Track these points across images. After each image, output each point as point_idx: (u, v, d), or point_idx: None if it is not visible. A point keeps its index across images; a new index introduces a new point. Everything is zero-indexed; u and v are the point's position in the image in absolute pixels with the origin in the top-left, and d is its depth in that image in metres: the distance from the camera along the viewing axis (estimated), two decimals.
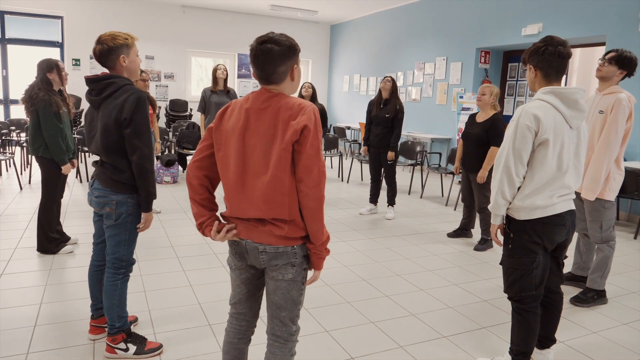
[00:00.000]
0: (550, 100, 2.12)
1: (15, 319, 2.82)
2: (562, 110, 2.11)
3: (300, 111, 1.60)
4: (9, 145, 7.82)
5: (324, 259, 1.74)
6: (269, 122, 1.62)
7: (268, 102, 1.63)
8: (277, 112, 1.62)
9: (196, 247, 4.27)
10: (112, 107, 2.26)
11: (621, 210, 5.91)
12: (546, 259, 2.26)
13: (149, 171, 2.32)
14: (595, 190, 3.18)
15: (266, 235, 1.67)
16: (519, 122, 2.12)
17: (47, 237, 3.91)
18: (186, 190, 6.71)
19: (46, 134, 3.63)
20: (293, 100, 1.64)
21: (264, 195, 1.62)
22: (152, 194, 2.36)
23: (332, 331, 2.85)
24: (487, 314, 3.18)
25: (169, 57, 11.34)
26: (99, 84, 2.31)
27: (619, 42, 5.85)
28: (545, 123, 2.07)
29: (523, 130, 2.10)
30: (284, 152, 1.59)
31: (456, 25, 8.64)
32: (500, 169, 2.18)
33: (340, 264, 4.00)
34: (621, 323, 3.13)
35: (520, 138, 2.11)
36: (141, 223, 2.44)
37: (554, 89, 2.13)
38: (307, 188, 1.61)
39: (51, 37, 10.59)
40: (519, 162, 2.14)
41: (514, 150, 2.13)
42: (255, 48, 1.63)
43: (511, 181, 2.16)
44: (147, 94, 5.31)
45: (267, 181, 1.61)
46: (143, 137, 2.30)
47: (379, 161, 5.61)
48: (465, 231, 4.93)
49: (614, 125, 3.10)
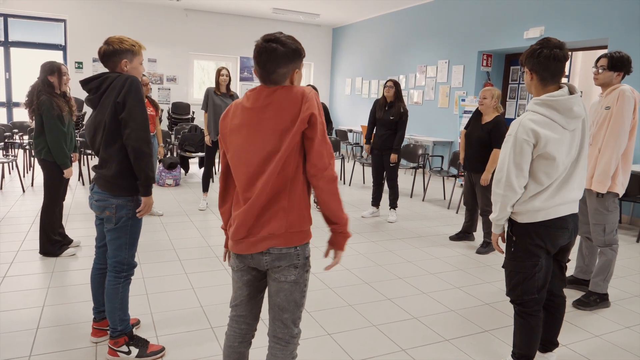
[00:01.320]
0: (543, 112, 2.09)
1: (18, 322, 2.82)
2: (557, 120, 2.08)
3: (302, 99, 1.62)
4: (12, 148, 7.84)
5: (348, 238, 1.77)
6: (273, 118, 1.63)
7: (269, 99, 1.64)
8: (280, 106, 1.63)
9: (198, 250, 4.27)
10: (110, 98, 2.28)
11: (624, 214, 5.90)
12: (549, 262, 2.26)
13: (145, 154, 2.30)
14: (606, 183, 3.17)
15: (268, 241, 1.67)
16: (516, 137, 2.10)
17: (49, 239, 3.91)
18: (188, 192, 6.72)
19: (49, 137, 3.64)
20: (293, 91, 1.64)
21: (272, 187, 1.64)
22: (150, 177, 2.34)
23: (334, 334, 2.85)
24: (490, 317, 3.18)
25: (172, 60, 11.37)
26: (93, 83, 2.32)
27: (621, 45, 5.85)
28: (542, 137, 2.06)
29: (522, 144, 2.09)
30: (291, 144, 1.61)
31: (458, 28, 8.65)
32: (503, 184, 2.16)
33: (342, 267, 4.00)
34: (624, 326, 3.12)
35: (519, 153, 2.10)
36: (140, 207, 2.39)
37: (547, 99, 2.09)
38: (321, 171, 1.65)
39: (54, 40, 10.62)
40: (520, 175, 2.13)
41: (515, 164, 2.12)
42: (260, 45, 1.64)
43: (514, 194, 2.16)
44: (149, 97, 5.33)
45: (276, 173, 1.63)
46: (138, 119, 2.27)
47: (381, 164, 5.62)
48: (467, 234, 4.92)
49: (620, 115, 3.09)
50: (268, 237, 1.67)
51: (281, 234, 1.67)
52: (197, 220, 5.28)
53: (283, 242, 1.68)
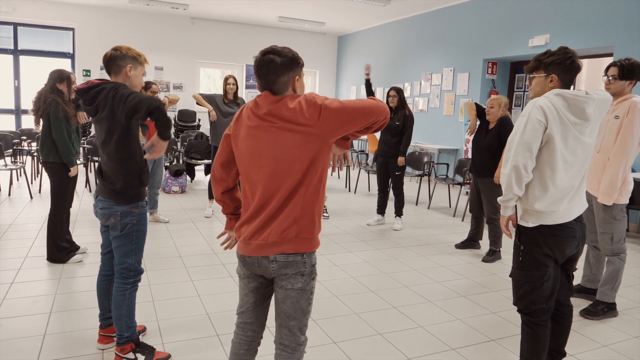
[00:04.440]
0: (556, 103, 2.10)
1: (25, 328, 2.84)
2: (566, 116, 2.09)
3: (302, 109, 1.62)
4: (20, 155, 7.91)
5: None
6: (284, 126, 1.64)
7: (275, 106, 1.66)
8: (284, 116, 1.64)
9: (204, 257, 4.28)
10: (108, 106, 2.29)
11: (631, 222, 5.86)
12: (557, 271, 2.25)
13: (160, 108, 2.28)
14: (612, 195, 3.16)
15: (277, 246, 1.68)
16: (529, 116, 2.10)
17: (56, 246, 3.94)
18: (194, 199, 6.74)
19: (56, 135, 3.69)
20: (294, 101, 1.65)
21: (285, 192, 1.66)
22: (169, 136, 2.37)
23: (339, 342, 2.84)
24: (496, 327, 3.16)
25: (178, 68, 11.45)
26: (88, 94, 2.33)
27: (627, 52, 5.84)
28: (552, 121, 2.07)
29: (534, 123, 2.08)
30: (304, 150, 1.63)
31: (463, 36, 8.67)
32: (510, 164, 2.14)
33: (347, 275, 4.00)
34: (632, 336, 3.09)
35: (530, 131, 2.08)
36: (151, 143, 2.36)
37: (564, 92, 2.11)
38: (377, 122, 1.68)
39: (62, 49, 10.74)
40: (528, 155, 2.09)
41: (523, 142, 2.09)
42: (258, 59, 1.68)
43: (519, 176, 2.12)
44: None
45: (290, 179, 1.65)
46: (135, 98, 2.26)
47: (386, 172, 5.62)
48: (473, 242, 4.90)
49: (630, 128, 3.09)
50: (278, 242, 1.68)
51: (291, 238, 1.68)
52: (203, 228, 5.29)
53: (292, 248, 1.69)
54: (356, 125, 1.65)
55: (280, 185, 1.66)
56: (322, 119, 1.61)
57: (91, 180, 7.47)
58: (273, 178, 1.66)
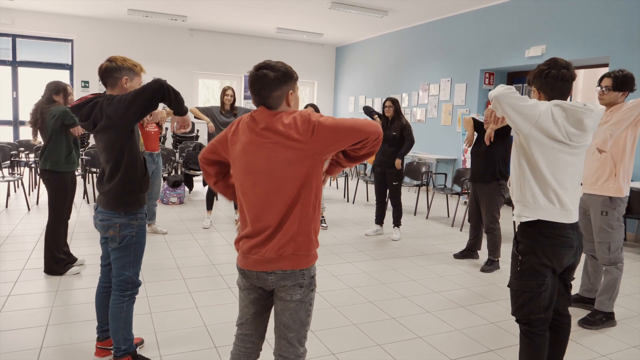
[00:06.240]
0: (555, 112, 2.12)
1: (22, 341, 2.82)
2: (564, 126, 2.11)
3: (297, 124, 1.64)
4: (18, 166, 7.90)
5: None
6: (279, 143, 1.65)
7: (271, 120, 1.67)
8: (279, 130, 1.65)
9: (202, 269, 4.27)
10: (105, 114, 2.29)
11: (629, 231, 5.87)
12: (555, 281, 2.25)
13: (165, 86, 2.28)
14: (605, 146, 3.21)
15: (274, 262, 1.69)
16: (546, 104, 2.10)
17: (54, 258, 3.92)
18: (192, 210, 6.73)
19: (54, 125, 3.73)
20: (289, 117, 1.67)
21: (282, 210, 1.67)
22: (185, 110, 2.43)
23: (338, 354, 2.83)
24: (495, 337, 3.15)
25: (177, 79, 11.49)
26: (83, 109, 2.33)
27: (623, 63, 5.89)
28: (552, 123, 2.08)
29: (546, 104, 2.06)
30: (300, 167, 1.65)
31: (460, 46, 8.74)
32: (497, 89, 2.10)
33: (346, 286, 3.99)
34: (630, 346, 3.09)
35: (522, 98, 2.05)
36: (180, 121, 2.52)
37: (562, 103, 2.12)
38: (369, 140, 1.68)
39: (61, 60, 10.79)
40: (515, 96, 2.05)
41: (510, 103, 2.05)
42: (252, 75, 1.71)
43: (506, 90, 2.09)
44: None
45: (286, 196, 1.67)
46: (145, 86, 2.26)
47: (384, 182, 5.63)
48: (471, 252, 4.90)
49: (627, 119, 3.13)
50: (275, 259, 1.69)
51: (288, 255, 1.69)
52: (201, 239, 5.28)
53: (289, 265, 1.70)
54: (348, 143, 1.66)
55: (276, 202, 1.67)
56: (316, 136, 1.62)
57: (89, 192, 7.47)
58: (268, 195, 1.67)
